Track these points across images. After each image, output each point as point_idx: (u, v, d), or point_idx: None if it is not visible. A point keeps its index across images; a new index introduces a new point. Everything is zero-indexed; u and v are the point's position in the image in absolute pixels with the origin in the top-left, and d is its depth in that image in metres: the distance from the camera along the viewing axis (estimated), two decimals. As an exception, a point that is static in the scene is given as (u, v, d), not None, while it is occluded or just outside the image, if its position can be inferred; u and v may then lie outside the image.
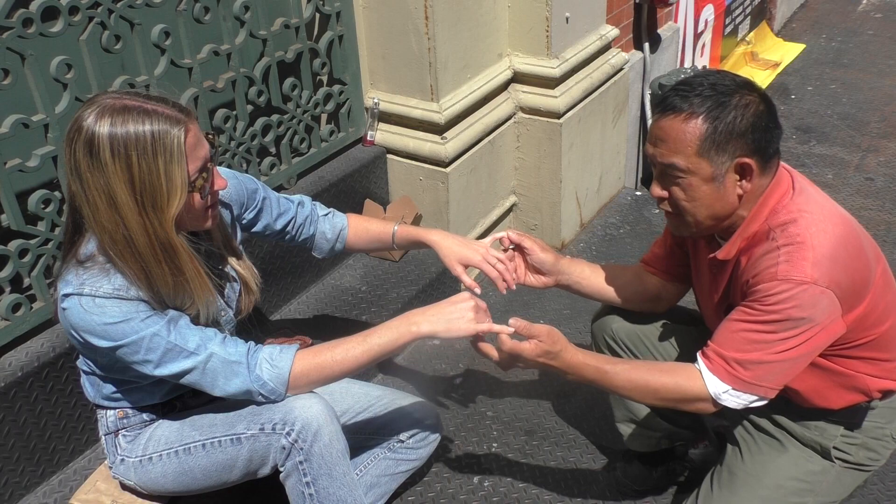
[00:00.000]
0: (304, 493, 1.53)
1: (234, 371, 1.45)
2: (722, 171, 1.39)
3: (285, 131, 2.43)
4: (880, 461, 1.62)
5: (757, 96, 1.40)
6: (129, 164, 1.29)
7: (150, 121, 1.30)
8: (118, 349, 1.38)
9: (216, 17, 2.12)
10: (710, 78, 1.41)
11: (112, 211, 1.32)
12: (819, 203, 1.45)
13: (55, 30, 1.75)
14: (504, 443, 2.21)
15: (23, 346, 1.82)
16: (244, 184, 1.69)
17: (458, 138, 2.66)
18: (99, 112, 1.29)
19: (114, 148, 1.28)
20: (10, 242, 1.78)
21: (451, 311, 1.52)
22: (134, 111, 1.30)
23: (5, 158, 1.72)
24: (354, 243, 1.87)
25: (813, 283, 1.34)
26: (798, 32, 5.74)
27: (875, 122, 4.24)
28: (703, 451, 2.05)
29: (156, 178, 1.31)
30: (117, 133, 1.28)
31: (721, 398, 1.42)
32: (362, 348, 1.51)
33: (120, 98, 1.32)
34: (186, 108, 1.37)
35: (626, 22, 3.59)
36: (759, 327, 1.38)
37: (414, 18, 2.47)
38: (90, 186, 1.31)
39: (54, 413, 1.84)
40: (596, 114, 3.12)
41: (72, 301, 1.35)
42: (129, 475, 1.60)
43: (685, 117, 1.38)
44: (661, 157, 1.42)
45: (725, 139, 1.37)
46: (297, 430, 1.47)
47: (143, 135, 1.29)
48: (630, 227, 3.30)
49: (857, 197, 3.50)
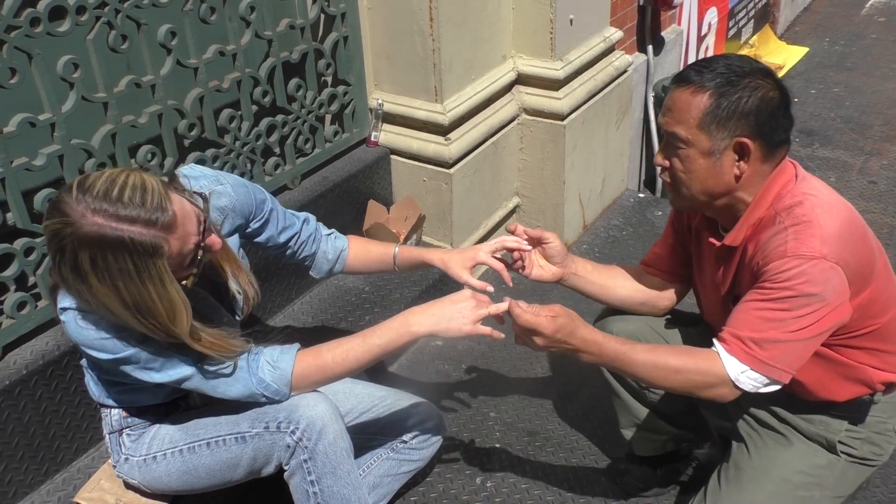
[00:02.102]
0: (309, 492, 1.53)
1: (235, 376, 1.46)
2: (720, 148, 1.42)
3: (290, 131, 2.44)
4: (884, 456, 1.63)
5: (771, 83, 1.42)
6: (117, 291, 1.26)
7: (129, 248, 1.22)
8: (118, 362, 1.38)
9: (222, 18, 2.12)
10: (729, 59, 1.44)
11: (110, 314, 1.30)
12: (821, 190, 1.47)
13: (62, 29, 1.76)
14: (507, 444, 2.21)
15: (27, 345, 1.82)
16: (253, 193, 1.65)
17: (462, 139, 2.66)
18: (77, 239, 1.21)
19: (100, 278, 1.24)
20: (16, 241, 1.78)
21: (451, 311, 1.52)
22: (109, 241, 1.21)
23: (12, 157, 1.73)
24: (354, 265, 1.85)
25: (823, 258, 1.35)
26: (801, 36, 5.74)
27: (878, 126, 4.24)
28: (708, 451, 2.05)
29: (149, 301, 1.28)
30: (98, 263, 1.23)
31: (739, 380, 1.42)
32: (363, 348, 1.51)
33: (92, 216, 1.21)
34: (163, 206, 1.24)
35: (629, 24, 3.60)
36: (773, 305, 1.38)
37: (418, 20, 2.48)
38: (86, 301, 1.29)
39: (58, 411, 1.84)
40: (599, 116, 3.12)
41: (69, 315, 1.35)
42: (132, 474, 1.60)
43: (694, 90, 1.42)
44: (667, 125, 1.46)
45: (727, 116, 1.40)
46: (301, 428, 1.48)
47: (126, 265, 1.23)
48: (633, 229, 3.30)
49: (860, 200, 3.50)
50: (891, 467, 2.03)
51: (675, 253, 1.78)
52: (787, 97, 1.44)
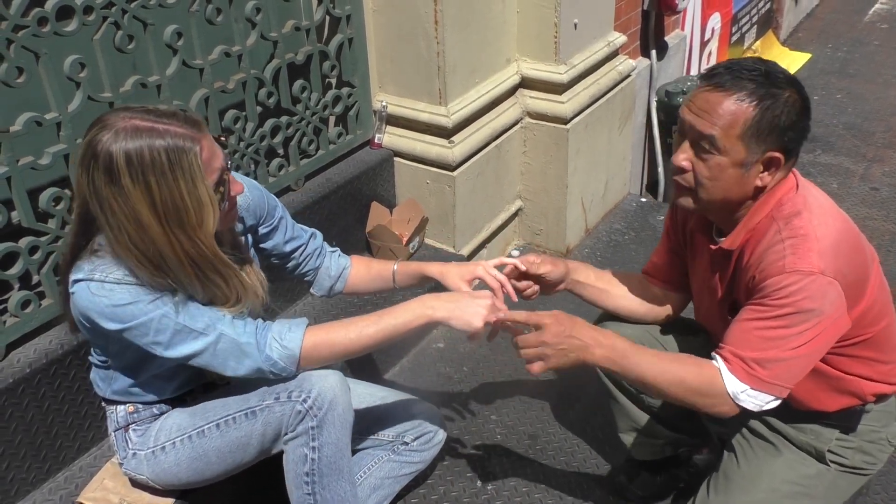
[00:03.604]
0: (308, 457, 1.53)
1: (245, 352, 1.45)
2: (752, 160, 1.40)
3: (294, 133, 2.44)
4: (877, 465, 1.63)
5: (802, 97, 1.41)
6: (149, 188, 1.29)
7: (164, 142, 1.29)
8: (127, 331, 1.38)
9: (228, 19, 2.13)
10: (764, 66, 1.41)
11: (138, 230, 1.32)
12: (819, 199, 1.47)
13: (69, 29, 1.76)
14: (508, 446, 2.21)
15: (31, 343, 1.83)
16: (266, 198, 1.69)
17: (466, 142, 2.67)
18: (112, 136, 1.28)
19: (133, 176, 1.28)
20: (21, 239, 1.78)
21: (468, 303, 1.53)
22: (146, 133, 1.29)
23: (18, 156, 1.73)
24: (356, 283, 1.86)
25: (820, 274, 1.35)
26: (804, 42, 5.75)
27: (880, 133, 4.25)
28: (706, 457, 2.05)
29: (178, 199, 1.31)
30: (133, 158, 1.28)
31: (739, 398, 1.41)
32: (376, 327, 1.52)
33: (130, 118, 1.30)
34: (196, 119, 1.36)
35: (633, 29, 3.61)
36: (773, 323, 1.38)
37: (423, 22, 2.48)
38: (114, 210, 1.31)
39: (61, 410, 1.84)
40: (603, 120, 3.13)
41: (81, 286, 1.36)
42: (141, 469, 1.60)
43: (737, 98, 1.37)
44: (702, 126, 1.40)
45: (768, 131, 1.38)
46: (313, 397, 1.48)
47: (160, 158, 1.29)
48: (635, 233, 3.31)
49: (862, 207, 3.51)
50: (891, 474, 2.03)
51: (672, 262, 1.78)
52: (810, 110, 1.44)
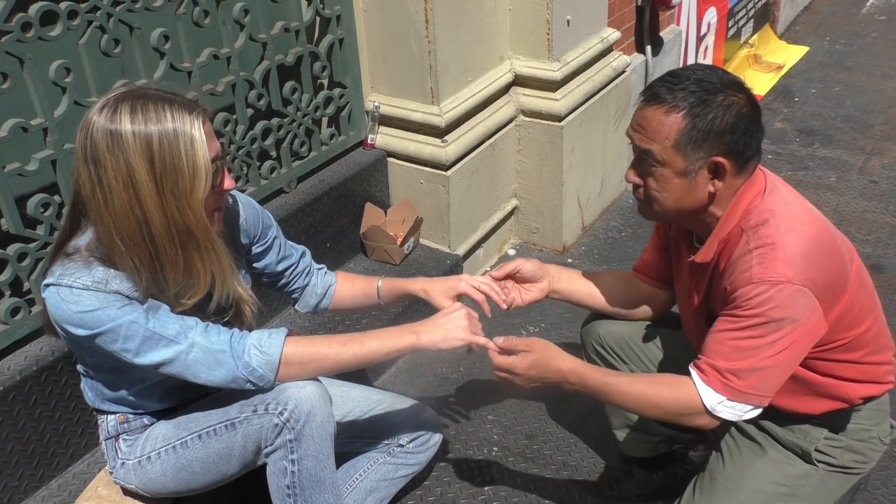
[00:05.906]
0: (287, 470, 1.51)
1: (218, 360, 1.42)
2: (695, 168, 1.40)
3: (285, 135, 2.43)
4: (868, 464, 1.60)
5: (743, 97, 1.40)
6: (149, 142, 1.29)
7: (170, 105, 1.31)
8: (96, 337, 1.36)
9: (216, 21, 2.12)
10: (698, 73, 1.41)
11: (129, 192, 1.30)
12: (789, 203, 1.45)
13: (54, 34, 1.75)
14: (504, 446, 2.20)
15: (21, 350, 1.82)
16: (262, 217, 1.67)
17: (459, 141, 2.65)
18: (119, 96, 1.31)
19: (134, 123, 1.28)
20: (9, 246, 1.78)
21: (446, 322, 1.55)
22: (152, 96, 1.32)
23: (4, 162, 1.73)
24: (341, 299, 1.85)
25: (788, 282, 1.34)
26: (802, 35, 5.72)
27: (879, 125, 4.22)
28: (702, 453, 2.03)
29: (178, 159, 1.30)
30: (138, 111, 1.29)
31: (716, 409, 1.41)
32: (356, 349, 1.50)
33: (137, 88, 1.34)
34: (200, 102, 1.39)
35: (627, 25, 3.59)
36: (746, 333, 1.37)
37: (414, 21, 2.47)
38: (107, 168, 1.29)
39: (53, 417, 1.83)
40: (597, 117, 3.12)
41: (51, 291, 1.35)
42: (129, 478, 1.59)
43: (667, 109, 1.39)
44: (640, 142, 1.44)
45: (703, 137, 1.37)
46: (290, 409, 1.46)
47: (164, 115, 1.30)
48: (632, 230, 3.29)
49: (861, 199, 3.49)
50: (891, 469, 2.01)
51: (663, 259, 1.77)
52: (759, 109, 1.42)
